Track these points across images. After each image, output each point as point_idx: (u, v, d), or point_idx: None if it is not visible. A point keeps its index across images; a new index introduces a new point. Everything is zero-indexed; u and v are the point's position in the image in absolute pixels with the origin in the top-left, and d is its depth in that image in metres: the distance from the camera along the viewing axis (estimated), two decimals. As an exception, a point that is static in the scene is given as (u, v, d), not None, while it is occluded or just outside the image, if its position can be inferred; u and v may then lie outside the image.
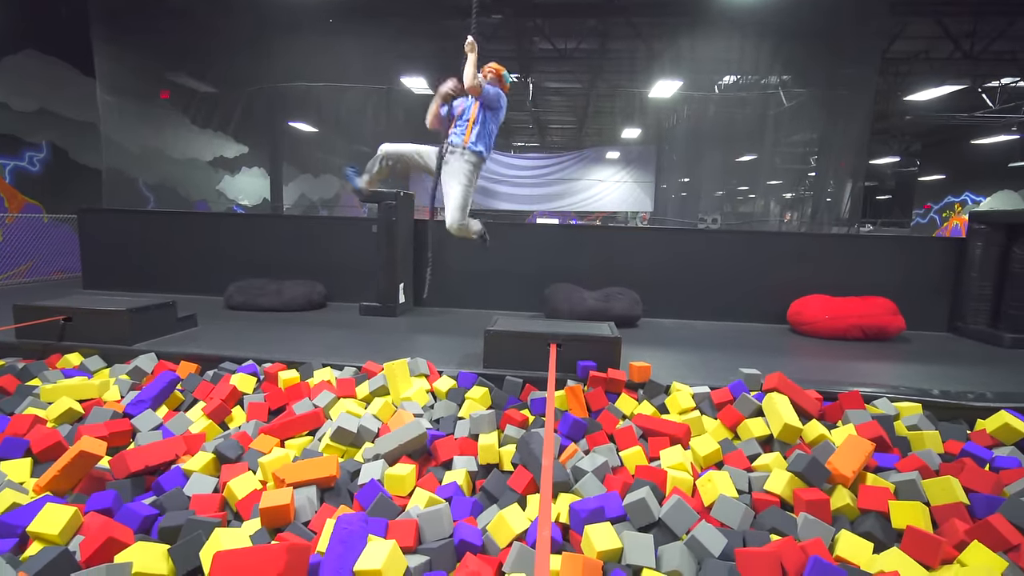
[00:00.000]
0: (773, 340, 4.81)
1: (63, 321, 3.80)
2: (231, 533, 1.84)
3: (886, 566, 1.84)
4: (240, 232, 6.32)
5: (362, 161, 9.82)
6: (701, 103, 12.20)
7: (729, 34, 7.84)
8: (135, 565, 1.70)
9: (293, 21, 8.19)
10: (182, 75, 9.47)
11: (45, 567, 1.66)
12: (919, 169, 19.55)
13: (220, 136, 11.56)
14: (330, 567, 1.67)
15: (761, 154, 14.88)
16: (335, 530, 1.77)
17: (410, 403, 2.96)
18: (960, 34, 9.09)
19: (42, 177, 7.98)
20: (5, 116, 7.44)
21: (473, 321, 4.99)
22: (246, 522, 2.09)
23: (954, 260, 5.24)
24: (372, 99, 10.65)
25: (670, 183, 18.17)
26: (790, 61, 8.56)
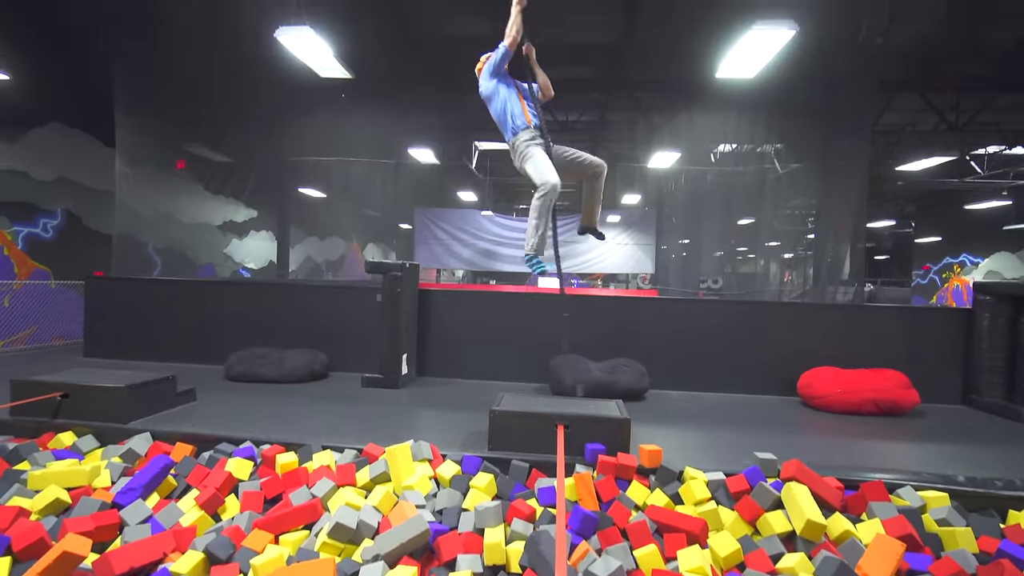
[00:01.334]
0: (784, 414, 4.69)
1: (60, 398, 3.73)
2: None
3: None
4: (244, 299, 6.33)
5: (369, 223, 9.77)
6: (699, 171, 12.59)
7: (725, 108, 8.20)
8: None
9: (307, 97, 8.59)
10: (198, 145, 9.85)
11: None
12: (915, 231, 19.85)
13: (231, 201, 11.87)
14: None
15: (759, 217, 15.20)
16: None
17: (412, 492, 2.83)
18: (945, 107, 9.47)
19: (54, 243, 8.13)
20: (25, 185, 7.67)
21: (477, 394, 4.89)
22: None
23: (963, 331, 5.19)
24: (380, 171, 11.02)
25: (670, 244, 18.46)
26: (785, 133, 8.90)
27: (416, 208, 16.46)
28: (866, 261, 10.96)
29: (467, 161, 14.20)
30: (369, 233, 18.76)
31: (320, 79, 6.39)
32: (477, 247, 16.79)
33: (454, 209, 17.39)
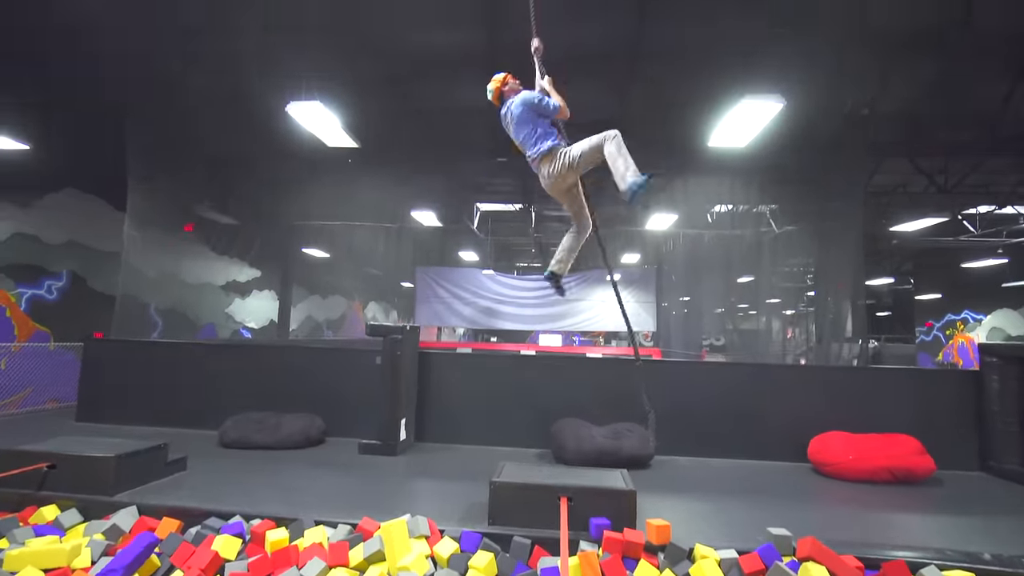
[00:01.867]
0: (796, 483, 4.52)
1: (46, 468, 3.62)
2: None
3: None
4: (241, 362, 6.28)
5: (371, 282, 9.81)
6: (696, 232, 12.81)
7: (719, 173, 8.46)
8: None
9: (313, 164, 8.91)
10: (207, 208, 10.11)
11: None
12: (914, 288, 19.93)
13: (236, 262, 12.03)
14: None
15: (759, 275, 15.32)
16: None
17: (408, 574, 2.68)
18: (934, 170, 9.75)
19: (57, 304, 8.17)
20: (33, 248, 7.81)
21: (477, 461, 4.74)
22: None
23: (973, 394, 5.09)
24: (383, 233, 11.24)
25: (671, 302, 18.49)
26: (778, 196, 9.12)
27: (418, 267, 16.65)
28: (868, 318, 10.94)
29: (468, 222, 14.50)
30: (371, 292, 18.88)
31: (325, 149, 6.66)
32: (478, 305, 16.83)
33: (455, 268, 17.57)
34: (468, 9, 5.52)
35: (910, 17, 5.82)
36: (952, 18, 5.68)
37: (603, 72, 6.86)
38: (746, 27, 5.14)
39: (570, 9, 5.72)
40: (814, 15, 5.45)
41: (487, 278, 16.95)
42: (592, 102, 7.99)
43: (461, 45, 6.39)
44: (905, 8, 5.67)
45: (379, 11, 5.73)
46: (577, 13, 5.79)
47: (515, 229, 16.95)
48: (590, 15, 5.86)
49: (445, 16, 5.81)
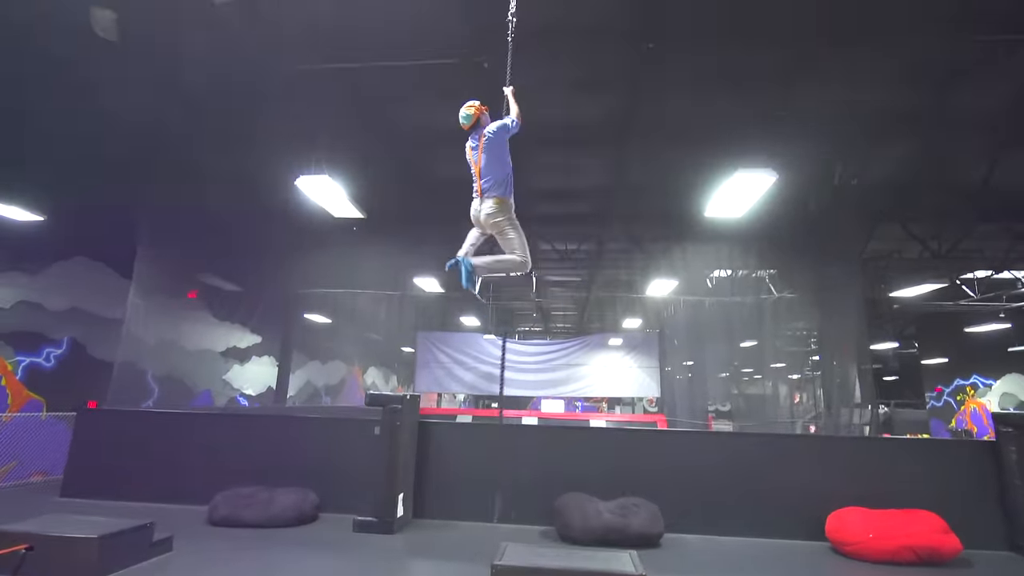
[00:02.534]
0: (815, 566, 4.27)
1: (24, 551, 3.44)
2: None
3: None
4: (236, 432, 6.12)
5: (372, 347, 9.75)
6: (697, 298, 12.89)
7: (717, 241, 8.63)
8: None
9: (319, 234, 9.13)
10: (211, 276, 10.24)
11: None
12: (920, 352, 19.75)
13: (237, 328, 12.01)
14: None
15: (761, 340, 15.24)
16: None
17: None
18: (927, 236, 9.93)
19: (54, 372, 8.07)
20: (36, 316, 7.82)
21: (477, 540, 4.52)
22: None
23: (991, 466, 4.90)
24: (385, 299, 11.32)
25: (675, 366, 18.27)
26: (776, 263, 9.24)
27: (419, 332, 16.59)
28: (876, 383, 10.74)
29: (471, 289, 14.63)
30: (371, 357, 18.72)
31: (331, 219, 6.85)
32: (479, 371, 16.61)
33: (456, 333, 17.51)
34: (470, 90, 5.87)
35: (890, 98, 6.16)
36: (928, 100, 6.02)
37: (601, 144, 7.17)
38: (739, 108, 5.43)
39: (570, 87, 6.07)
40: (804, 98, 5.79)
41: (488, 343, 16.85)
42: (590, 171, 8.32)
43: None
44: (884, 89, 6.01)
45: (383, 92, 6.08)
46: (577, 90, 6.13)
47: (516, 294, 17.07)
48: (590, 92, 6.20)
49: (448, 95, 6.16)
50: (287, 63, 5.24)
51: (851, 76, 5.66)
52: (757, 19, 5.00)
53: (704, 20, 5.05)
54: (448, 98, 6.28)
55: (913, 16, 4.97)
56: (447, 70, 5.43)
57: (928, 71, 5.76)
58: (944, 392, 18.27)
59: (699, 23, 5.07)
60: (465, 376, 16.68)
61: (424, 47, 5.29)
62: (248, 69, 5.14)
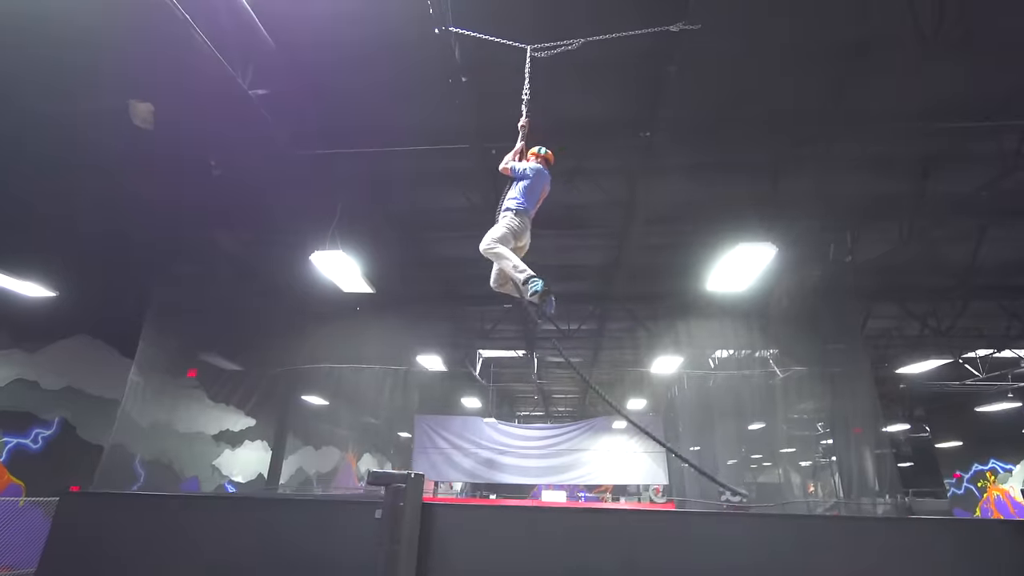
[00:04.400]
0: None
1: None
2: None
3: None
4: (225, 519, 5.74)
5: (368, 431, 9.34)
6: (701, 377, 12.76)
7: (720, 316, 8.71)
8: None
9: (324, 311, 9.20)
10: (213, 355, 10.16)
11: None
12: (932, 436, 19.22)
13: (231, 410, 11.72)
14: None
15: (770, 423, 14.87)
16: None
17: None
18: (924, 314, 10.05)
19: (39, 455, 7.77)
20: (30, 395, 7.67)
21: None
22: None
23: (1030, 549, 4.61)
24: (387, 378, 11.20)
25: (682, 452, 17.61)
26: (780, 341, 9.27)
27: (417, 415, 16.14)
28: (893, 469, 10.32)
29: (471, 368, 14.47)
30: (366, 443, 18.09)
31: (338, 295, 6.95)
32: (479, 456, 15.99)
33: (455, 416, 17.05)
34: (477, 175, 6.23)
35: (871, 186, 6.54)
36: (907, 187, 6.40)
37: (602, 225, 7.46)
38: (735, 190, 5.75)
39: (571, 173, 6.43)
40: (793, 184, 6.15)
41: (488, 426, 16.36)
42: (591, 251, 8.56)
43: (467, 205, 7.07)
44: (866, 177, 6.40)
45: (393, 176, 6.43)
46: (578, 175, 6.49)
47: (517, 375, 16.84)
48: (591, 177, 6.56)
49: (451, 180, 6.53)
50: (305, 148, 5.60)
51: (832, 166, 6.06)
52: (745, 114, 5.45)
53: (698, 114, 5.51)
54: (453, 183, 6.68)
55: (884, 112, 5.42)
56: (454, 155, 5.79)
57: (903, 160, 6.18)
58: (964, 478, 17.56)
59: (694, 117, 5.52)
60: (464, 462, 16.02)
61: (436, 136, 5.67)
62: (267, 153, 5.47)
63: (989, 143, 5.86)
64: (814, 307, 7.99)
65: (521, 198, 4.22)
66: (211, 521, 5.70)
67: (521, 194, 4.21)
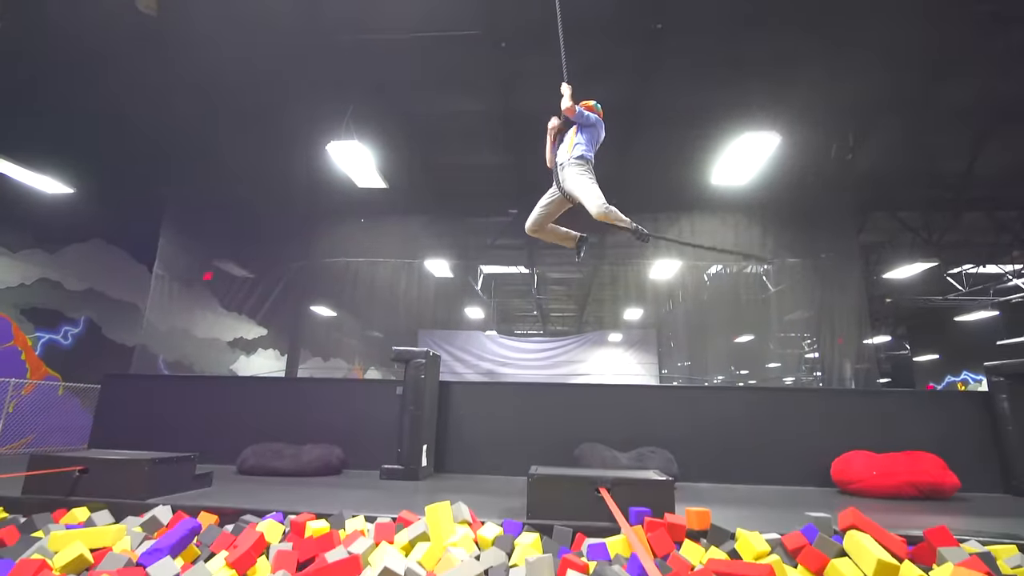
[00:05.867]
0: (822, 501, 4.48)
1: (78, 473, 3.60)
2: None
3: None
4: (256, 397, 6.27)
5: (373, 345, 9.67)
6: (695, 287, 13.20)
7: (723, 211, 8.95)
8: None
9: (334, 211, 9.38)
10: (226, 261, 10.42)
11: None
12: (911, 351, 20.15)
13: (243, 319, 12.15)
14: None
15: (758, 337, 15.57)
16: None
17: (456, 550, 2.68)
18: (917, 226, 10.36)
19: (70, 351, 8.20)
20: (56, 294, 7.98)
21: (501, 485, 4.72)
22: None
23: (986, 415, 5.19)
24: (404, 272, 11.55)
25: (670, 368, 18.50)
26: (778, 244, 9.57)
27: (420, 330, 16.75)
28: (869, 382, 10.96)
29: (473, 282, 14.87)
30: (372, 356, 18.81)
31: (349, 193, 7.09)
32: (480, 368, 16.79)
33: (458, 331, 17.69)
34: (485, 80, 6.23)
35: (877, 85, 6.55)
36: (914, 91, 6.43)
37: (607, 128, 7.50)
38: (742, 80, 5.79)
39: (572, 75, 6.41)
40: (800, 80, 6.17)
41: (489, 339, 17.06)
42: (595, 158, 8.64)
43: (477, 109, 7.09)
44: (872, 76, 6.41)
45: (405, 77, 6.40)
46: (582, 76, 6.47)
47: (518, 291, 17.31)
48: (595, 78, 6.54)
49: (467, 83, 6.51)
50: (322, 34, 5.52)
51: (840, 62, 6.05)
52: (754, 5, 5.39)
53: (705, 8, 5.44)
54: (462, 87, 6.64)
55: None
56: (464, 53, 5.74)
57: (915, 58, 6.17)
58: (935, 389, 18.65)
59: (701, 11, 5.45)
60: (466, 374, 16.82)
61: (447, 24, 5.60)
62: (283, 41, 5.42)
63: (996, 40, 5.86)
64: (813, 203, 8.22)
65: (588, 146, 4.09)
66: (245, 398, 6.23)
67: (587, 142, 4.09)
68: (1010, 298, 13.79)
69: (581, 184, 3.86)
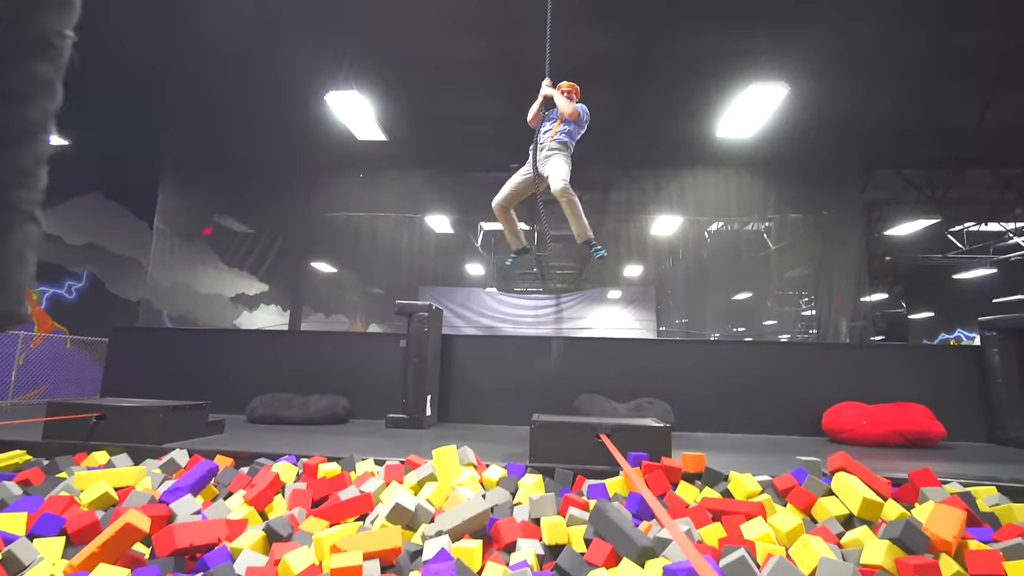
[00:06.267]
0: (813, 448, 4.66)
1: (95, 419, 3.73)
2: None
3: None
4: (263, 349, 6.40)
5: (374, 301, 9.70)
6: (695, 243, 13.19)
7: (725, 174, 8.86)
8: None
9: (334, 164, 9.26)
10: (227, 217, 10.36)
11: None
12: (907, 307, 20.35)
13: (244, 275, 12.19)
14: (424, 615, 1.51)
15: (756, 294, 15.68)
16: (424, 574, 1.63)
17: (463, 489, 2.81)
18: (921, 183, 10.27)
19: (75, 305, 8.28)
20: (57, 248, 7.98)
21: (503, 433, 4.88)
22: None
23: (975, 368, 5.32)
24: (406, 227, 11.52)
25: (668, 325, 18.73)
26: (780, 201, 9.52)
27: (421, 286, 16.84)
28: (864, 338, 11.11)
29: (473, 239, 14.84)
30: (374, 313, 18.98)
31: (349, 145, 6.97)
32: (480, 324, 16.99)
33: (459, 288, 17.79)
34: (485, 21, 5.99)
35: (888, 33, 6.34)
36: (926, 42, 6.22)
37: (607, 82, 7.31)
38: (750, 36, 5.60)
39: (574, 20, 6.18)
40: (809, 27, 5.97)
41: (488, 296, 17.19)
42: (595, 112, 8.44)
43: (479, 56, 6.86)
44: (884, 25, 6.19)
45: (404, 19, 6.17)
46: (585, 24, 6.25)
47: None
48: (599, 26, 6.33)
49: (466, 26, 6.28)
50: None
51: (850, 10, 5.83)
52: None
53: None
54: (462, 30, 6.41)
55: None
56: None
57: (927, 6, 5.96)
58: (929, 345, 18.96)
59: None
60: (466, 331, 17.05)
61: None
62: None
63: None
64: (817, 158, 8.13)
65: (572, 137, 4.11)
66: (251, 350, 6.34)
67: (572, 133, 4.10)
68: (1009, 256, 13.84)
69: (556, 163, 3.96)
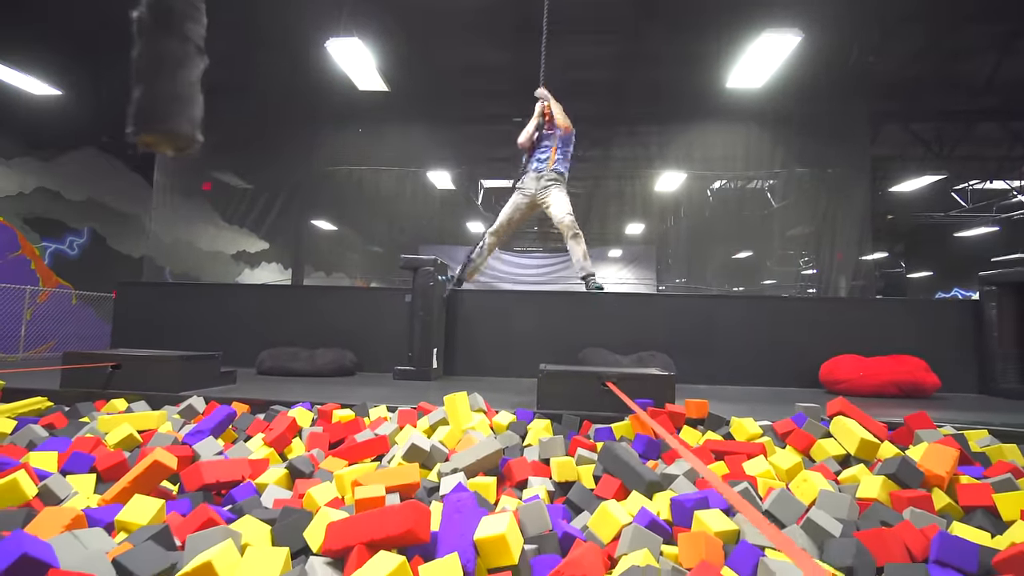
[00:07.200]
0: (811, 398, 4.76)
1: (112, 368, 3.81)
2: (336, 514, 1.77)
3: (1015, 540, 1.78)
4: (269, 303, 6.46)
5: (374, 260, 9.61)
6: (698, 201, 13.11)
7: (731, 128, 8.72)
8: (243, 537, 1.63)
9: (335, 115, 9.07)
10: (227, 172, 10.22)
11: (150, 538, 1.59)
12: (907, 267, 20.42)
13: (245, 232, 12.15)
14: (448, 537, 1.61)
15: (757, 253, 15.69)
16: (446, 506, 1.72)
17: (475, 432, 2.91)
18: (929, 138, 10.13)
19: (78, 261, 8.28)
20: (57, 204, 7.92)
21: (510, 384, 5.00)
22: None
23: (972, 322, 5.41)
24: (409, 182, 11.43)
25: (668, 285, 18.83)
26: (788, 156, 9.40)
27: (422, 244, 16.81)
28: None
29: (474, 197, 14.73)
30: (375, 271, 19.02)
31: (350, 96, 6.80)
32: (480, 283, 17.06)
33: (460, 247, 17.77)
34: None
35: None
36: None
37: (611, 31, 7.10)
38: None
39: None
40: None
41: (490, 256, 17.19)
42: (598, 64, 8.20)
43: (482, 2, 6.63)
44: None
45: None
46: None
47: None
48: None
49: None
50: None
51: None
52: None
53: None
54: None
55: None
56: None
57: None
58: (925, 305, 19.16)
59: None
60: (467, 289, 17.15)
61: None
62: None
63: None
64: (827, 110, 7.99)
65: (566, 161, 4.14)
66: (257, 305, 6.40)
67: (565, 155, 4.11)
68: (1012, 215, 13.80)
69: (558, 196, 4.07)
